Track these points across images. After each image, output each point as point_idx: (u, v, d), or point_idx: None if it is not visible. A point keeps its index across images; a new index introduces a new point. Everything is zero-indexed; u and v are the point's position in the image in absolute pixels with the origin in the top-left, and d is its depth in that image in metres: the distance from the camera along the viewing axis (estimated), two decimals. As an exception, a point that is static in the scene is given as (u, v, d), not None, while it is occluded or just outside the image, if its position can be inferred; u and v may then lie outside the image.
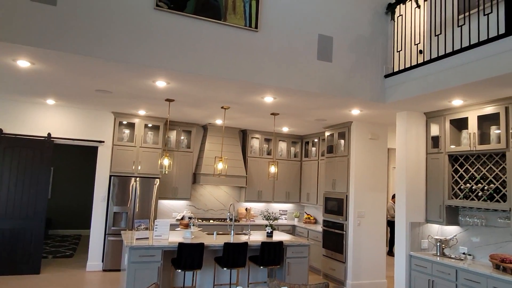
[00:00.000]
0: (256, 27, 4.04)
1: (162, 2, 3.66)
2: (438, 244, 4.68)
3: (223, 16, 3.93)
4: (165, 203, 7.24)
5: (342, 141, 6.45)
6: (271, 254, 4.95)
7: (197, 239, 4.95)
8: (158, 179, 6.71)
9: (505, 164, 4.06)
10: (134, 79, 4.19)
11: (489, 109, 4.25)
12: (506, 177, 4.02)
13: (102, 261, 6.37)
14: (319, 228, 7.02)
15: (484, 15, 3.64)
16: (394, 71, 4.66)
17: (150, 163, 6.71)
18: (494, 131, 4.23)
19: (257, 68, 4.07)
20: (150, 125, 6.89)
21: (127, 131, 6.77)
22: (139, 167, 6.62)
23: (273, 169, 5.90)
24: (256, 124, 7.05)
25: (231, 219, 7.29)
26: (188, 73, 3.83)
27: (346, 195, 6.12)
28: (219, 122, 7.01)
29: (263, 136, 7.88)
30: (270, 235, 5.56)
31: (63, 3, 3.34)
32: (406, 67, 4.51)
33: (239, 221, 7.38)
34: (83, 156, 10.21)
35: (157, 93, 4.83)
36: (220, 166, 5.64)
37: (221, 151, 7.11)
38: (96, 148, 6.65)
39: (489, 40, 3.45)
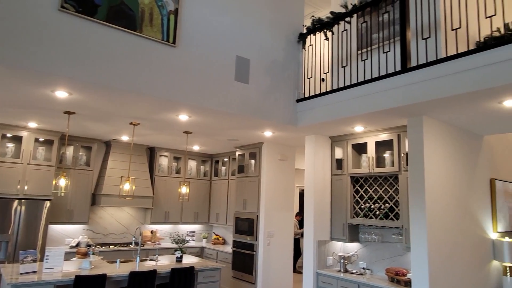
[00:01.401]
0: (174, 42, 3.87)
1: (68, 3, 3.28)
2: (341, 261, 4.97)
3: (139, 27, 3.68)
4: (57, 229, 6.36)
5: (253, 161, 6.54)
6: (181, 281, 4.67)
7: (97, 270, 4.42)
8: (49, 201, 5.88)
9: (398, 186, 4.56)
10: (27, 87, 3.62)
11: (384, 136, 4.74)
12: (398, 198, 4.50)
13: (-30, 302, 5.26)
14: (228, 249, 6.92)
15: (384, 52, 4.10)
16: (305, 96, 4.93)
17: (40, 182, 5.85)
18: (388, 155, 4.74)
19: (173, 84, 3.89)
20: (42, 139, 6.05)
21: (11, 145, 5.82)
22: (26, 187, 5.72)
23: (184, 189, 5.66)
24: (166, 142, 6.74)
25: (136, 244, 6.74)
26: (95, 84, 3.45)
27: (257, 215, 6.17)
28: (125, 138, 6.51)
29: (172, 154, 7.57)
30: (179, 259, 5.26)
31: None
32: (316, 93, 4.80)
33: (144, 245, 6.87)
34: None
35: (55, 104, 4.26)
36: (126, 186, 5.19)
37: (128, 170, 6.58)
38: (-32, 165, 5.56)
39: (387, 75, 3.87)
